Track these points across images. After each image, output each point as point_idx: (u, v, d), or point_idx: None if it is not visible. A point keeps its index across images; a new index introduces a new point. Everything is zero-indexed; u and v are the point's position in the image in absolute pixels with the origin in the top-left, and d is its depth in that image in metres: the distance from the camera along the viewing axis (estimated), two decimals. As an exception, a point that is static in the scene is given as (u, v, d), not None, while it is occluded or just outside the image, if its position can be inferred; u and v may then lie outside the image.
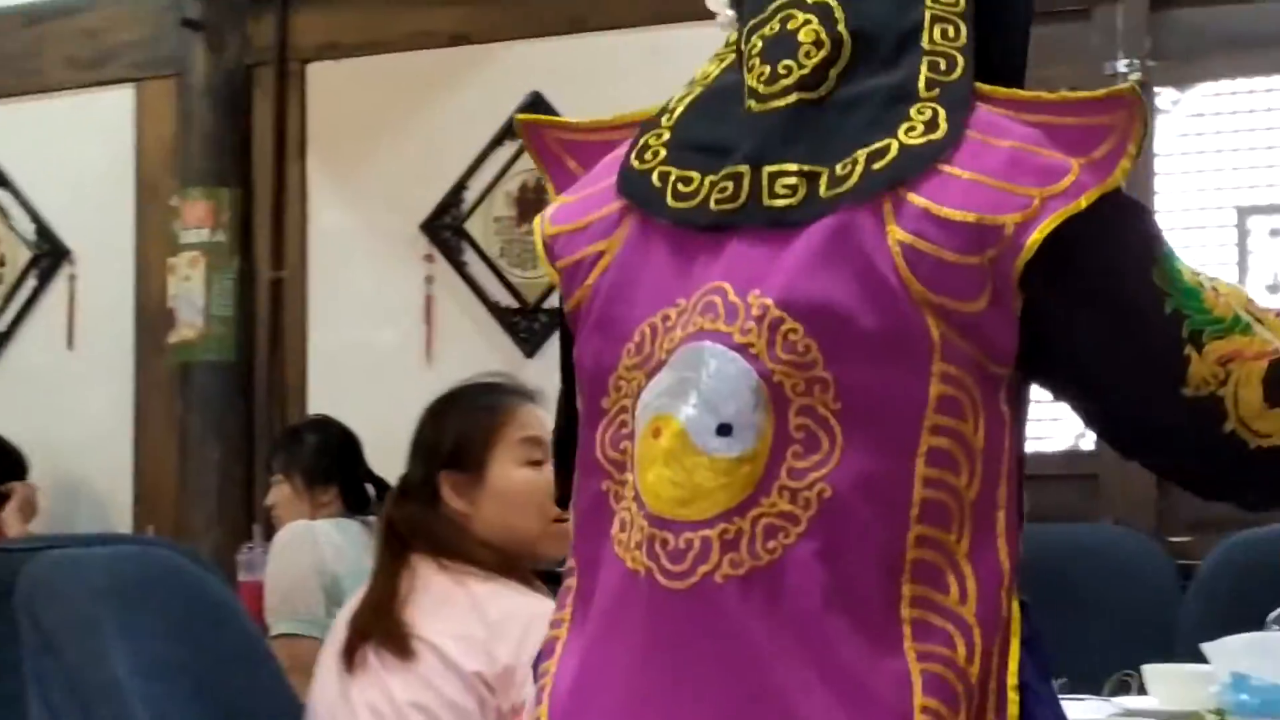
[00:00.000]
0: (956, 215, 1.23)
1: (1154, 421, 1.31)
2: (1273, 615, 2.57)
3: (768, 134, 1.31)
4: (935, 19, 1.33)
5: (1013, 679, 1.26)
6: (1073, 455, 4.12)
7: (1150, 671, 2.53)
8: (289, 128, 4.68)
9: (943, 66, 1.32)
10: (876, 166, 1.27)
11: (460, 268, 4.51)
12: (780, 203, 1.29)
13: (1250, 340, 1.28)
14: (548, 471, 2.05)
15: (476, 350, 4.42)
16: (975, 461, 1.26)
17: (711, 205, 1.31)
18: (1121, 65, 3.98)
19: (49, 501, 4.67)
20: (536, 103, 4.34)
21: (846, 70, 1.32)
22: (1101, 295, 1.30)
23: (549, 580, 2.65)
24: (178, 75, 4.71)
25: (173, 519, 4.63)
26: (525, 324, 4.45)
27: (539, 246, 1.44)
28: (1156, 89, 3.99)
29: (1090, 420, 1.37)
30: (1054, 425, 4.10)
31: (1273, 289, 3.99)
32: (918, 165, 1.27)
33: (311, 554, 3.50)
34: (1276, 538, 3.21)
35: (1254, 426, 1.28)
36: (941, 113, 1.29)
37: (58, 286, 4.94)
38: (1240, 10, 3.98)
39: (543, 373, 3.94)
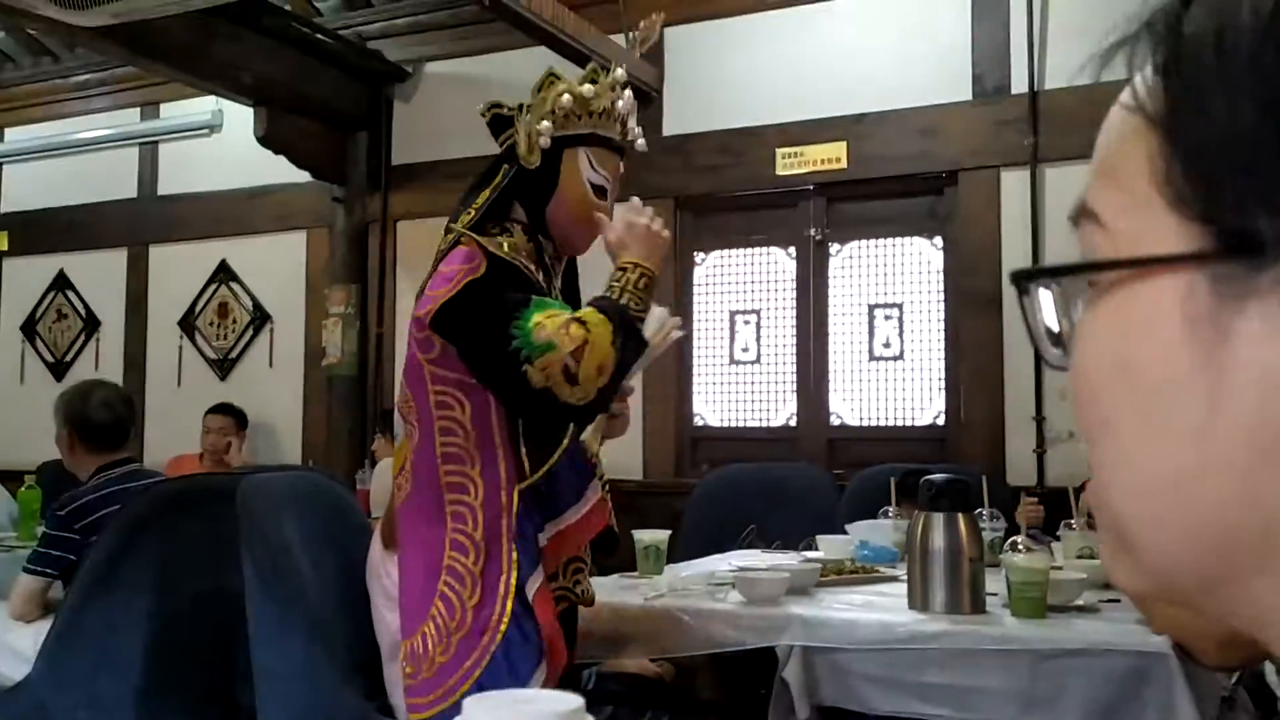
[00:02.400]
0: (419, 313, 1.59)
1: (523, 404, 1.57)
2: (881, 511, 3.00)
3: None
4: (474, 206, 1.65)
5: (510, 530, 1.59)
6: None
7: (820, 539, 2.89)
8: (387, 255, 5.17)
9: (451, 240, 1.62)
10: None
11: None
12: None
13: (553, 353, 1.52)
14: None
15: None
16: (469, 426, 1.57)
17: None
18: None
19: (257, 446, 5.20)
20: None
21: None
22: (471, 339, 1.57)
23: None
24: (329, 227, 5.26)
25: (324, 457, 5.11)
26: None
27: None
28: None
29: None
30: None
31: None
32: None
33: (393, 475, 3.94)
34: (888, 472, 3.22)
35: (562, 394, 1.53)
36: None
37: (264, 336, 5.52)
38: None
39: None
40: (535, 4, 3.75)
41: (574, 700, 0.65)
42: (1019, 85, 4.16)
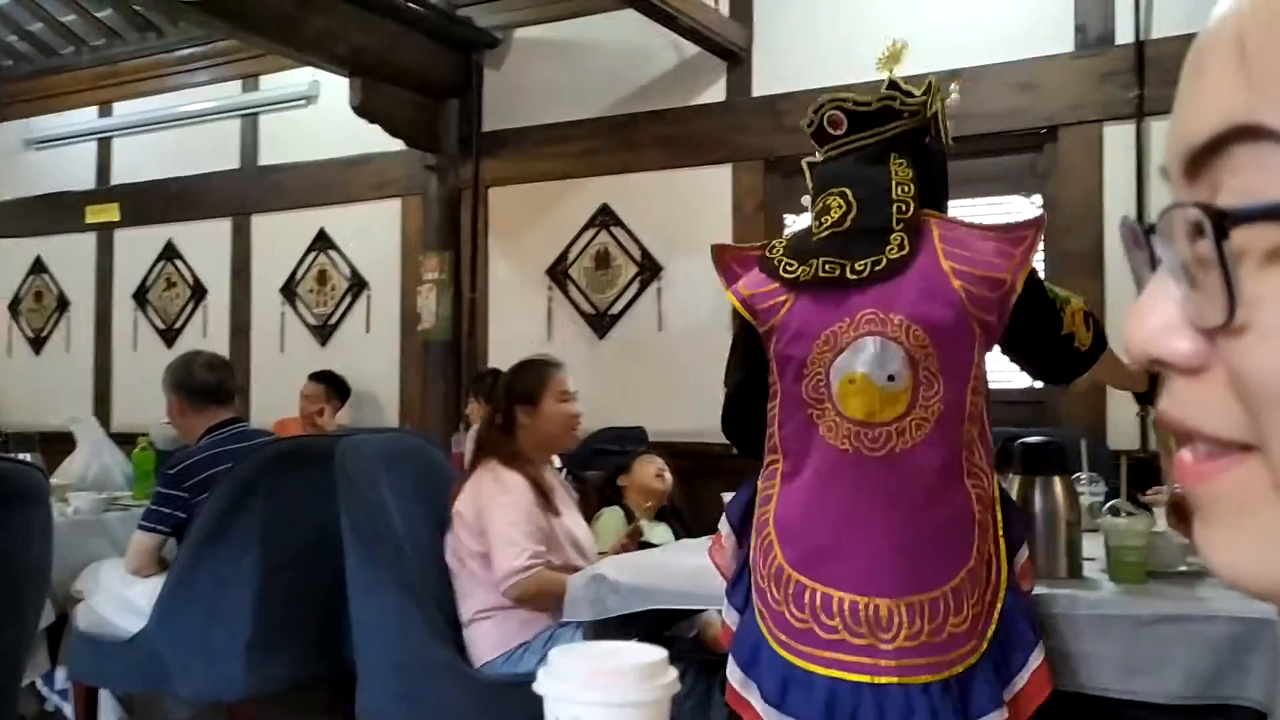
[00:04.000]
0: (986, 274, 1.63)
1: (1053, 352, 1.72)
2: None
3: (821, 249, 1.69)
4: (896, 184, 1.68)
5: (997, 492, 1.68)
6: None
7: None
8: (479, 221, 5.16)
9: (903, 209, 1.67)
10: (877, 269, 1.63)
11: (565, 292, 4.98)
12: (853, 276, 1.64)
13: (1070, 304, 1.73)
14: (573, 405, 2.68)
15: (571, 335, 4.94)
16: (985, 391, 1.68)
17: (818, 275, 1.67)
18: None
19: (358, 409, 5.27)
20: (605, 209, 4.88)
21: (857, 216, 1.67)
22: (1035, 310, 1.69)
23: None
24: (422, 194, 5.25)
25: (419, 420, 5.17)
26: (597, 321, 4.91)
27: (737, 301, 1.74)
28: None
29: (1024, 366, 1.77)
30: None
31: None
32: (896, 268, 1.62)
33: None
34: None
35: (1080, 337, 1.71)
36: (905, 239, 1.63)
37: (361, 302, 5.54)
38: None
39: (606, 347, 4.81)
40: (623, -34, 3.69)
41: (658, 652, 0.66)
42: (1124, 35, 4.01)
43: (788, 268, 1.69)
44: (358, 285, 5.60)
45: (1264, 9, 0.31)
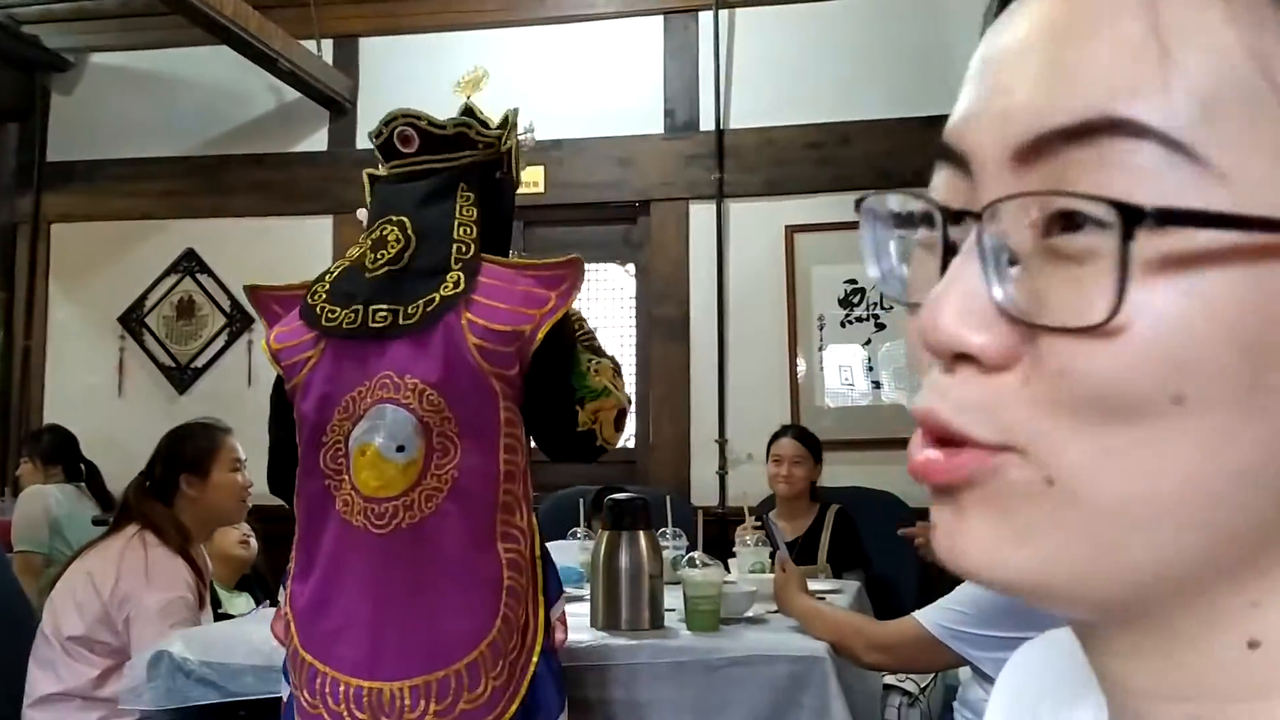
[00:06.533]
0: (503, 328, 1.56)
1: (561, 441, 1.67)
2: (570, 533, 2.88)
3: (373, 289, 1.60)
4: (459, 224, 1.63)
5: (539, 551, 1.65)
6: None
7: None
8: (38, 260, 4.82)
9: (463, 250, 1.61)
10: (429, 309, 1.56)
11: (141, 342, 4.70)
12: (379, 325, 1.57)
13: (608, 399, 1.65)
14: (245, 474, 2.51)
15: (147, 389, 4.68)
16: (523, 449, 1.62)
17: (343, 326, 1.59)
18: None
19: None
20: (190, 255, 4.69)
21: (415, 253, 1.60)
22: (553, 370, 1.63)
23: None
24: None
25: None
26: (178, 374, 4.69)
27: (268, 353, 1.66)
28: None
29: (533, 433, 1.68)
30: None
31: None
32: (450, 305, 1.55)
33: (42, 504, 3.74)
34: (578, 494, 3.25)
35: (605, 436, 1.66)
36: (462, 277, 1.58)
37: None
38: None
39: (187, 404, 4.49)
40: (214, -1, 3.59)
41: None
42: (706, 123, 4.39)
43: (330, 315, 1.62)
44: None
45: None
